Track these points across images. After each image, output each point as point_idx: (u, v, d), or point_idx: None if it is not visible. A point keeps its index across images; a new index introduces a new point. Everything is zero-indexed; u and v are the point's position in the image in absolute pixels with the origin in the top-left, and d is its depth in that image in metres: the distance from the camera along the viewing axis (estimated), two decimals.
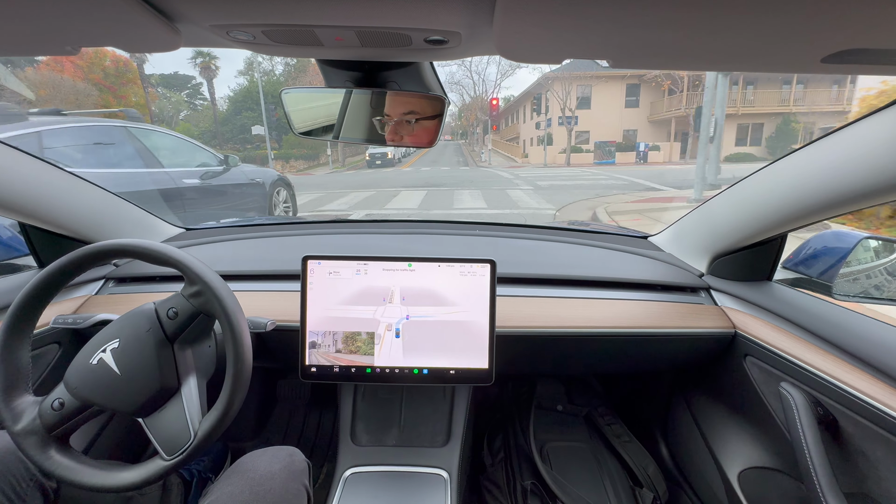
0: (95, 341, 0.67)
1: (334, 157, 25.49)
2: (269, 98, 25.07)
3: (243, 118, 26.32)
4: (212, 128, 26.73)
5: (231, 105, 28.58)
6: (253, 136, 21.62)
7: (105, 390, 0.64)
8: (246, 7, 0.40)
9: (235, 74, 33.89)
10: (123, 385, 0.64)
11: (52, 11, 0.39)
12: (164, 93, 28.25)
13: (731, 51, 0.41)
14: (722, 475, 1.03)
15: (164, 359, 0.67)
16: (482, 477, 1.27)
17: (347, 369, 0.90)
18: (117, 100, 20.52)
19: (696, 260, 1.15)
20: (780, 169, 0.84)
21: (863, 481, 0.72)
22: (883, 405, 0.66)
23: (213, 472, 1.26)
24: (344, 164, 25.44)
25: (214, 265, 0.70)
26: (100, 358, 0.65)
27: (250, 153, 22.92)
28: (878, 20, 0.32)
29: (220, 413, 0.64)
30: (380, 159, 22.53)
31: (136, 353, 0.65)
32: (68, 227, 1.01)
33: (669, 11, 0.33)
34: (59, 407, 0.64)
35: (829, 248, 0.96)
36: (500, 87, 20.69)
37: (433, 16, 0.41)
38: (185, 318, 0.68)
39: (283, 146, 25.61)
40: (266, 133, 19.24)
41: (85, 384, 0.65)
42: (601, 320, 0.99)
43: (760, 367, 0.92)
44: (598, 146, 21.46)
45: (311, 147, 25.00)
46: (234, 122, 26.88)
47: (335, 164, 24.83)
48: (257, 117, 18.92)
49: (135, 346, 0.66)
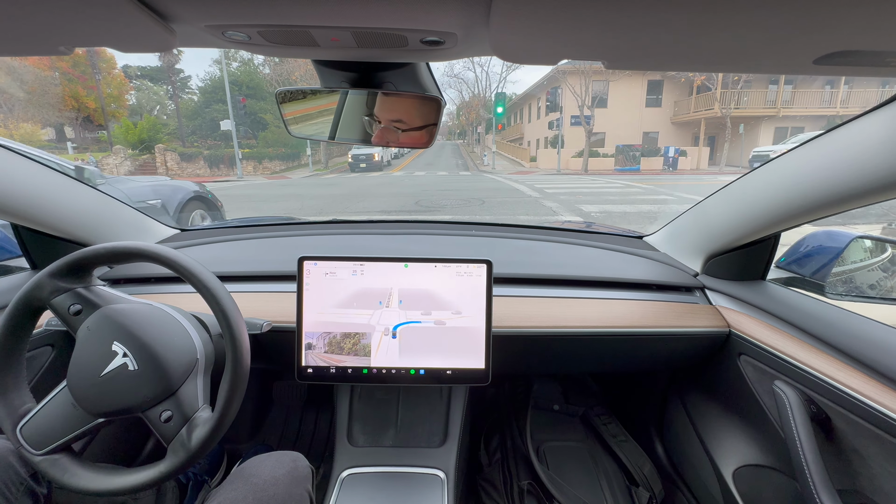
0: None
1: (316, 157, 22.56)
2: (243, 88, 22.38)
3: (213, 111, 23.14)
4: (190, 123, 24.32)
5: (202, 96, 25.79)
6: (222, 132, 18.71)
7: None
8: (241, 7, 0.40)
9: (210, 63, 30.34)
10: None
11: (46, 11, 0.39)
12: (142, 84, 25.94)
13: (725, 52, 0.41)
14: (717, 473, 1.03)
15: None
16: (479, 477, 1.28)
17: (344, 370, 0.90)
18: (87, 90, 19.68)
19: (690, 259, 1.16)
20: (774, 169, 0.85)
21: (855, 478, 0.73)
22: (875, 403, 0.67)
23: (209, 474, 1.25)
24: (327, 166, 22.50)
25: (210, 266, 0.70)
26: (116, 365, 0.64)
27: (219, 151, 20.16)
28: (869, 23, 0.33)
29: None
30: (364, 161, 18.71)
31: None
32: (62, 229, 1.00)
33: (663, 13, 0.33)
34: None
35: (822, 247, 0.97)
36: (505, 82, 18.21)
37: (429, 17, 0.41)
38: None
39: (259, 144, 22.98)
40: (233, 128, 16.32)
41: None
42: (597, 320, 1.00)
43: (755, 366, 0.93)
44: (621, 150, 18.22)
45: (293, 145, 22.41)
46: (204, 115, 23.83)
47: (316, 165, 21.84)
48: (228, 110, 16.34)
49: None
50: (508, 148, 29.50)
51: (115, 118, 22.41)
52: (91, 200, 1.06)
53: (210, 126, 23.00)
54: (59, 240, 1.02)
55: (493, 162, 20.55)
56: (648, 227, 1.34)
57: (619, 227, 1.47)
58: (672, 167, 17.20)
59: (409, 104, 0.70)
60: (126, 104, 23.98)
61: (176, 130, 23.34)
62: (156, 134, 21.41)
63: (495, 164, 20.47)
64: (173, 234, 1.32)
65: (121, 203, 1.15)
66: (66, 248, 1.01)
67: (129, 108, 24.10)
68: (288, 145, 22.40)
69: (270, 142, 22.84)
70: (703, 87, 18.94)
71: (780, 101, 18.73)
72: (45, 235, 1.00)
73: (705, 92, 18.92)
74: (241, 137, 21.38)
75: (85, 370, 0.63)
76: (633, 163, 17.92)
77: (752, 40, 0.38)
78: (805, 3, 0.30)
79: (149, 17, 0.40)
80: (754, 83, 18.78)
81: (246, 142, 22.79)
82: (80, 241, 1.04)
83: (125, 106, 23.60)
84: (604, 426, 1.37)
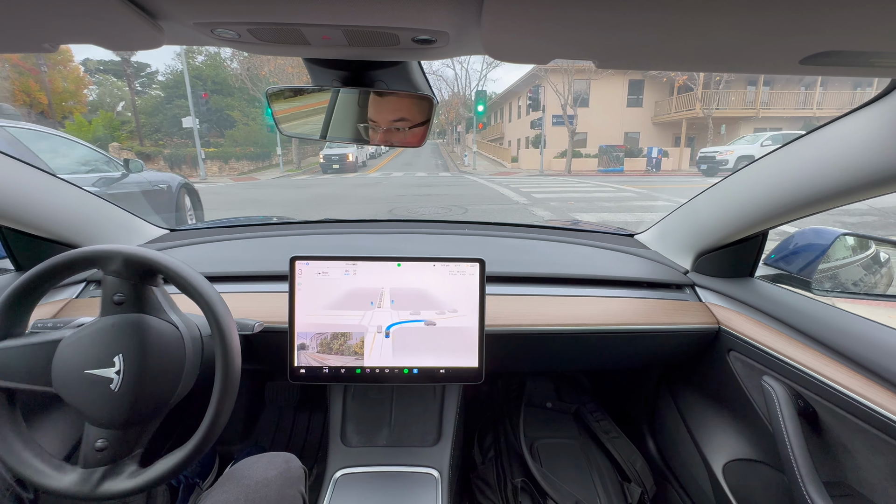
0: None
1: (288, 157, 20.75)
2: (208, 84, 20.56)
3: (175, 107, 20.76)
4: (151, 121, 21.86)
5: (164, 91, 23.35)
6: (187, 130, 15.84)
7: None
8: (231, 4, 0.40)
9: (172, 56, 26.81)
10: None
11: (29, 7, 0.38)
12: (104, 79, 23.39)
13: (714, 52, 0.42)
14: (707, 468, 1.05)
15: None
16: (473, 475, 1.28)
17: (337, 370, 0.90)
18: (39, 84, 17.92)
19: (680, 257, 1.17)
20: (761, 168, 0.86)
21: (841, 470, 0.74)
22: (860, 397, 0.68)
23: (201, 476, 1.24)
24: (300, 167, 20.42)
25: (200, 266, 0.69)
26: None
27: (181, 150, 18.47)
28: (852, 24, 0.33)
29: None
30: (337, 162, 17.17)
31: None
32: (47, 230, 0.98)
33: (653, 13, 0.33)
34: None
35: (809, 244, 0.99)
36: (485, 80, 16.02)
37: (421, 15, 0.41)
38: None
39: (226, 142, 20.87)
40: (195, 126, 14.62)
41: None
42: (589, 317, 1.01)
43: (743, 362, 0.95)
44: (604, 151, 17.65)
45: (262, 144, 20.67)
46: (166, 112, 21.49)
47: (288, 166, 20.12)
48: (189, 106, 14.69)
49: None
50: (489, 148, 28.40)
51: (71, 115, 20.31)
52: (77, 200, 1.04)
53: (173, 123, 20.41)
54: (44, 240, 1.00)
55: (475, 162, 19.95)
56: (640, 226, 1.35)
57: (610, 226, 1.48)
58: (655, 168, 17.07)
59: (401, 103, 0.69)
60: (84, 100, 21.66)
61: (137, 129, 21.28)
62: (113, 132, 19.52)
63: (476, 165, 19.93)
64: (162, 234, 1.30)
65: (108, 203, 1.13)
66: (52, 249, 1.00)
67: (89, 104, 21.86)
68: (257, 144, 20.79)
69: (238, 140, 20.96)
70: (685, 88, 18.68)
71: (759, 102, 18.85)
72: (30, 236, 0.98)
73: (686, 92, 18.74)
74: (207, 136, 20.00)
75: (75, 356, 0.63)
76: (617, 164, 17.44)
77: (740, 40, 0.38)
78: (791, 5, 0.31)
79: (136, 15, 0.39)
80: (734, 84, 18.76)
81: (215, 140, 21.15)
82: (66, 242, 1.02)
83: (83, 102, 21.27)
84: (596, 423, 1.38)
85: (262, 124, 20.20)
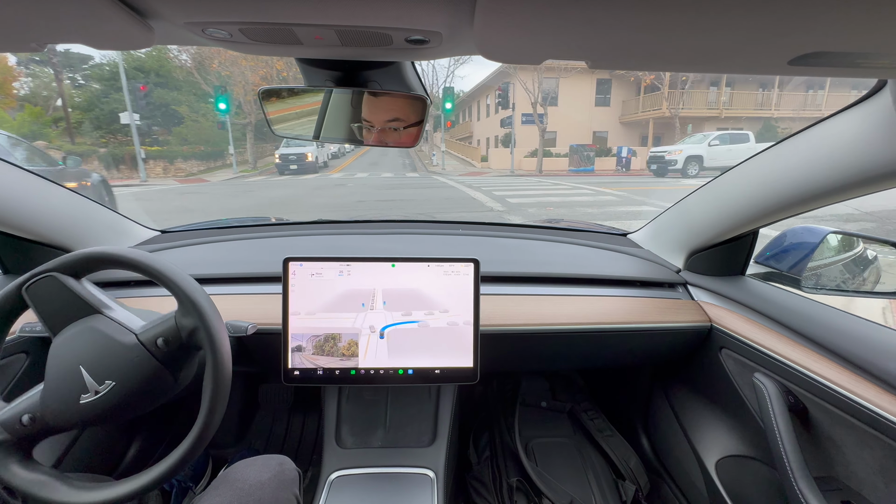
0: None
1: (242, 157, 18.81)
2: (151, 76, 18.23)
3: (113, 101, 17.86)
4: (86, 116, 19.04)
5: (100, 84, 20.38)
6: (129, 126, 13.42)
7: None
8: (222, 4, 0.39)
9: None
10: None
11: (16, 5, 0.38)
12: (40, 72, 20.30)
13: (704, 52, 0.42)
14: (700, 465, 1.06)
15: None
16: (468, 475, 1.28)
17: (331, 372, 0.89)
18: None
19: (673, 256, 1.18)
20: (752, 167, 0.87)
21: (831, 465, 0.75)
22: (849, 392, 0.69)
23: (194, 480, 1.23)
24: (255, 167, 18.54)
25: (193, 268, 0.69)
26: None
27: (119, 149, 16.30)
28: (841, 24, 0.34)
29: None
30: (295, 162, 15.42)
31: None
32: (35, 232, 0.96)
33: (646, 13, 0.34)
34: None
35: (798, 243, 1.00)
36: (453, 76, 14.23)
37: (414, 15, 0.41)
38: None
39: (173, 140, 18.66)
40: (132, 122, 12.82)
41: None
42: (583, 317, 1.01)
43: (735, 359, 0.96)
44: (575, 150, 17.19)
45: (214, 143, 18.59)
46: (103, 106, 18.64)
47: (243, 166, 18.19)
48: (133, 102, 12.78)
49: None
50: (458, 147, 27.43)
51: None
52: (66, 202, 1.03)
53: (112, 119, 17.37)
54: (33, 243, 0.98)
55: (444, 162, 19.09)
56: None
57: (604, 225, 1.49)
58: (626, 168, 16.72)
59: (395, 103, 0.69)
60: (13, 93, 18.96)
61: (76, 124, 18.51)
62: (41, 129, 17.23)
63: (445, 164, 19.07)
64: (153, 235, 1.29)
65: (97, 205, 1.12)
66: (40, 251, 0.98)
67: (20, 98, 18.98)
68: (208, 143, 18.82)
69: (187, 138, 18.85)
70: (652, 87, 18.47)
71: (721, 102, 19.02)
72: (18, 239, 0.96)
73: (653, 92, 18.55)
74: (156, 133, 18.25)
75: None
76: (588, 163, 16.99)
77: (730, 41, 0.39)
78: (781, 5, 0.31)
79: (125, 14, 0.39)
80: (697, 84, 18.87)
81: (164, 138, 19.13)
82: (55, 245, 1.00)
83: (12, 95, 18.60)
84: (591, 421, 1.39)
85: (212, 120, 18.03)
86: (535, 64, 0.47)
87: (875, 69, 0.48)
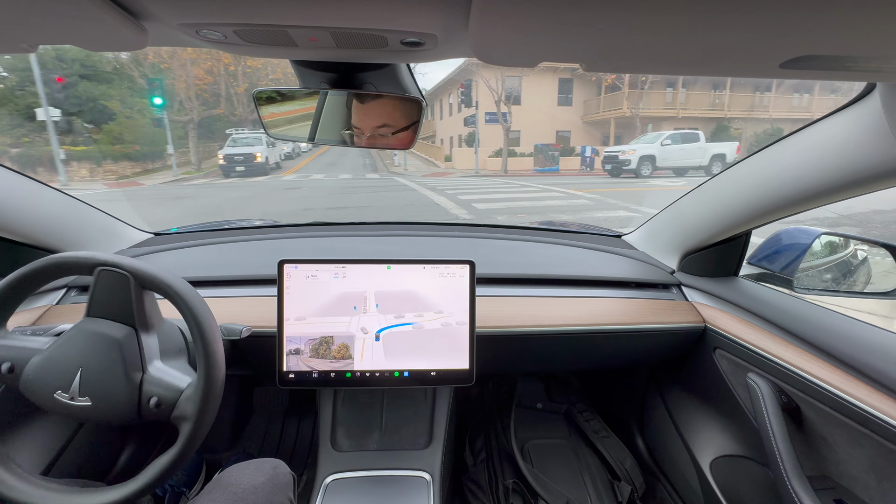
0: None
1: (185, 158, 16.88)
2: (75, 67, 16.36)
3: (29, 94, 14.75)
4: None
5: (13, 76, 17.48)
6: (41, 122, 10.78)
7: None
8: (216, 5, 0.39)
9: None
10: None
11: (7, 6, 0.37)
12: None
13: (698, 55, 0.43)
14: (695, 465, 1.06)
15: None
16: (464, 477, 1.28)
17: (327, 374, 0.89)
18: None
19: (667, 257, 1.19)
20: (744, 169, 0.88)
21: (824, 464, 0.76)
22: (841, 392, 0.70)
23: (187, 485, 1.21)
24: (200, 168, 16.66)
25: (186, 271, 0.68)
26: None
27: (36, 149, 13.78)
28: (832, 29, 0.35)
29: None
30: (242, 163, 13.63)
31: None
32: (25, 235, 0.95)
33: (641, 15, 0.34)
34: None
35: (790, 244, 1.01)
36: (413, 71, 13.07)
37: (409, 17, 0.41)
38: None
39: (103, 139, 16.29)
40: (48, 118, 10.58)
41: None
42: (578, 318, 1.01)
43: (729, 360, 0.96)
44: (539, 150, 16.65)
45: (150, 142, 16.60)
46: (16, 101, 15.83)
47: (185, 167, 16.43)
48: (49, 95, 10.57)
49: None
50: (421, 146, 25.51)
51: None
52: (58, 204, 1.02)
53: (26, 115, 14.75)
54: (24, 246, 0.97)
55: (406, 162, 18.48)
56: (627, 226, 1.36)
57: (598, 227, 1.49)
58: (590, 167, 16.43)
59: (383, 109, 0.69)
60: None
61: None
62: None
63: (407, 165, 18.43)
64: (146, 238, 1.28)
65: (90, 207, 1.11)
66: (32, 254, 0.97)
67: None
68: (144, 142, 16.75)
69: (120, 137, 16.69)
70: (613, 87, 18.47)
71: (678, 102, 19.16)
72: (9, 241, 0.95)
73: (614, 91, 18.58)
74: (84, 131, 15.88)
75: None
76: (553, 163, 16.52)
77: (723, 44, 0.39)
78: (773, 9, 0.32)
79: (119, 15, 0.39)
80: (656, 85, 18.93)
81: (96, 136, 16.64)
82: (46, 248, 0.99)
83: None
84: (586, 422, 1.39)
85: (149, 117, 15.83)
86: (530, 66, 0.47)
87: (865, 72, 0.49)
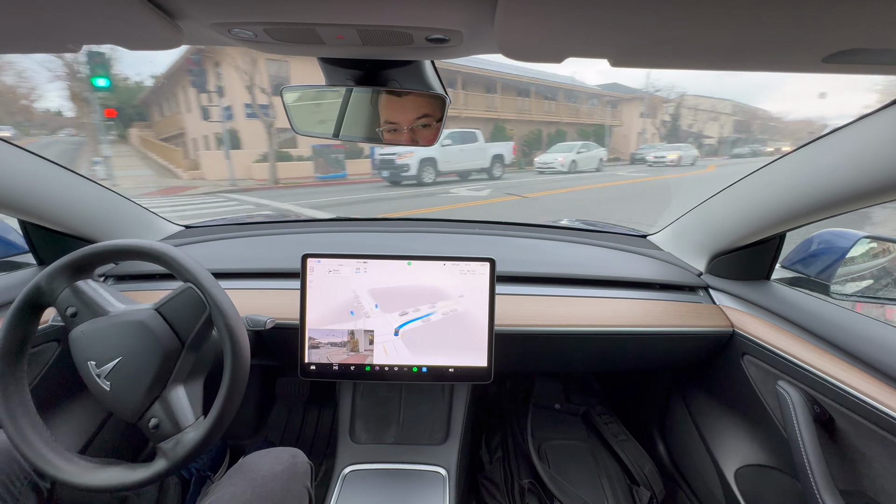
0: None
1: None
2: None
3: None
4: None
5: None
6: None
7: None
8: (248, 5, 0.40)
9: None
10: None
11: (54, 9, 0.39)
12: None
13: (733, 50, 0.41)
14: (719, 473, 1.03)
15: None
16: (480, 475, 1.28)
17: (346, 367, 0.90)
18: None
19: (694, 259, 1.15)
20: (777, 169, 0.84)
21: (858, 479, 0.72)
22: (880, 404, 0.67)
23: (212, 469, 1.26)
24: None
25: (214, 263, 0.70)
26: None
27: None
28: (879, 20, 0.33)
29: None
30: None
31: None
32: (68, 225, 1.00)
33: (670, 9, 0.33)
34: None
35: (827, 247, 0.97)
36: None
37: (435, 14, 0.42)
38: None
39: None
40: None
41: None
42: (600, 319, 1.00)
43: (758, 366, 0.93)
44: (320, 153, 13.26)
45: None
46: None
47: None
48: None
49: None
50: (159, 149, 19.44)
51: None
52: (96, 196, 1.07)
53: None
54: (65, 236, 1.02)
55: (112, 173, 11.07)
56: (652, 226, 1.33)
57: (623, 226, 1.46)
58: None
59: (420, 101, 0.70)
60: None
61: None
62: None
63: (127, 177, 13.42)
64: (178, 230, 1.33)
65: (125, 199, 1.16)
66: (73, 244, 1.02)
67: None
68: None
69: None
70: None
71: (460, 102, 18.12)
72: (52, 231, 1.00)
73: None
74: None
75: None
76: (338, 168, 13.48)
77: (759, 38, 0.37)
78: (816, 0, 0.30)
79: (156, 16, 0.40)
80: (470, 86, 18.56)
81: None
82: (85, 238, 1.04)
83: None
84: (605, 425, 1.37)
85: None
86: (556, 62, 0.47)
87: None
